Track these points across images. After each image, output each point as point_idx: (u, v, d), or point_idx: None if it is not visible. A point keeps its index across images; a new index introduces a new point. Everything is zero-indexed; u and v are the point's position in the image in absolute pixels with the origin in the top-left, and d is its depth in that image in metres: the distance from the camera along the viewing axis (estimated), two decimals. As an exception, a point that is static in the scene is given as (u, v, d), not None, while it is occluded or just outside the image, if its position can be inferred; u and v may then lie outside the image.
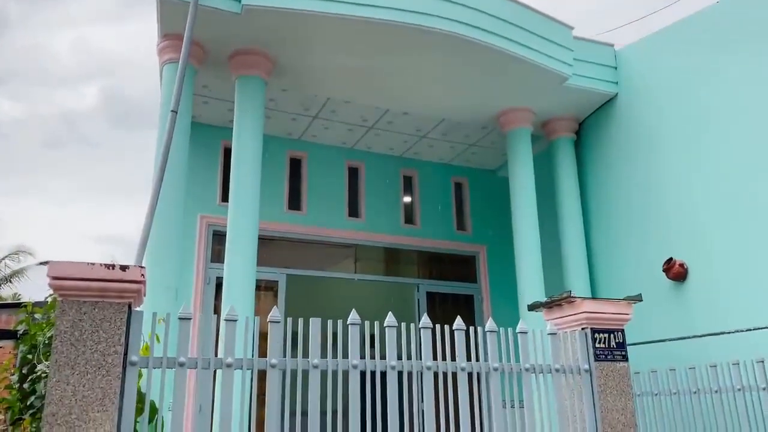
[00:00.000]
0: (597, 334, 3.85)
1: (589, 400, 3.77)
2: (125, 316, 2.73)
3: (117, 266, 2.70)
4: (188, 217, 7.00)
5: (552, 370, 3.78)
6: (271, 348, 3.10)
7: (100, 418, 2.61)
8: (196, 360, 2.92)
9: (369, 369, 3.33)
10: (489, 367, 3.61)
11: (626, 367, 3.89)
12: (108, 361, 2.67)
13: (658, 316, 6.49)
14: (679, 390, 5.74)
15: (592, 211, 7.80)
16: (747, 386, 5.11)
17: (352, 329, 3.31)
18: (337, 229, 8.08)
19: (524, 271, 7.01)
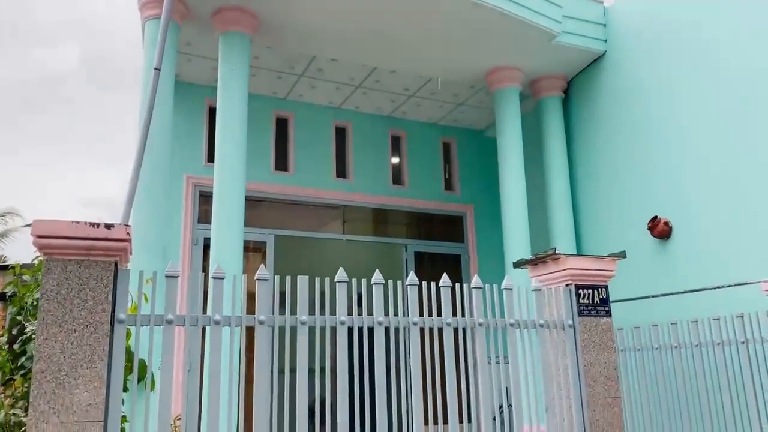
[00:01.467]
0: (581, 290, 3.91)
1: (573, 355, 3.84)
2: (112, 274, 2.73)
3: (102, 225, 2.69)
4: (174, 178, 6.95)
5: (536, 325, 3.84)
6: (259, 305, 3.12)
7: (89, 375, 2.63)
8: (184, 317, 2.94)
9: (356, 325, 3.36)
10: (474, 322, 3.66)
11: (609, 322, 3.96)
12: (95, 319, 2.68)
13: (643, 274, 6.59)
14: (661, 345, 5.87)
15: (578, 170, 7.83)
16: (726, 340, 5.24)
17: (339, 286, 3.34)
18: (325, 190, 8.07)
19: (511, 229, 7.07)
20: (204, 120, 7.60)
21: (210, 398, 2.99)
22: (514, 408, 3.72)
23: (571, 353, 3.84)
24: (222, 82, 6.14)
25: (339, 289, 3.33)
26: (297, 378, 3.15)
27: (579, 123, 7.92)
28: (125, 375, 3.11)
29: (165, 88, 5.86)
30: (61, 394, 2.58)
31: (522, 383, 3.76)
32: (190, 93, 7.48)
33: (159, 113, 5.70)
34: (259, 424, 3.02)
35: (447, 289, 3.64)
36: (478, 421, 3.66)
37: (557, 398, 3.77)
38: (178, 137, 6.99)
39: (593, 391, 3.77)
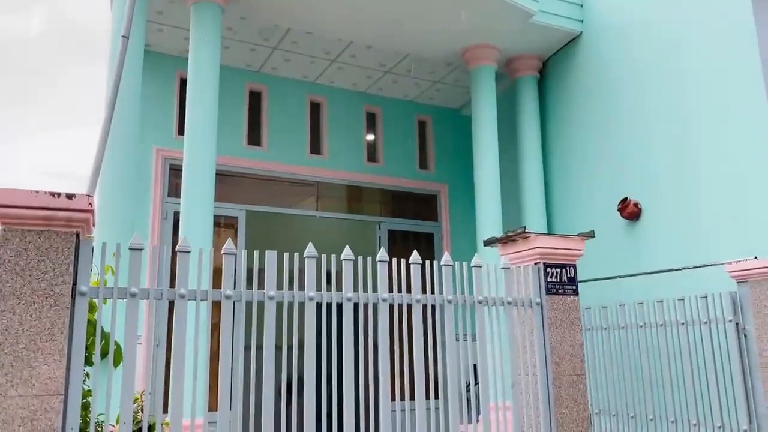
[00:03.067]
0: (549, 268, 3.94)
1: (540, 332, 3.88)
2: (73, 245, 2.66)
3: (63, 194, 2.61)
4: (143, 150, 6.83)
5: (504, 302, 3.87)
6: (226, 279, 3.09)
7: (48, 348, 2.57)
8: (149, 291, 2.89)
9: (325, 301, 3.35)
10: (444, 299, 3.67)
11: (576, 300, 4.01)
12: (56, 291, 2.62)
13: (611, 254, 6.68)
14: (627, 324, 5.99)
15: (551, 150, 7.88)
16: (690, 320, 5.36)
17: (308, 262, 3.32)
18: (299, 166, 7.99)
19: (484, 208, 7.10)
20: (175, 92, 7.44)
21: (174, 373, 2.95)
22: (480, 384, 3.76)
23: (537, 331, 3.88)
24: (193, 52, 6.01)
25: (308, 265, 3.31)
26: (264, 354, 3.14)
27: (553, 104, 7.95)
28: (90, 350, 3.06)
29: (134, 57, 5.72)
30: (19, 367, 2.52)
31: (489, 360, 3.80)
32: (160, 63, 7.31)
33: (128, 83, 5.56)
34: (223, 400, 3.00)
35: (417, 267, 3.63)
36: (446, 397, 3.69)
37: (523, 375, 3.82)
38: (147, 109, 6.84)
39: (559, 368, 3.82)
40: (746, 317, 5.00)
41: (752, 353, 4.92)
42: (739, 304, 5.05)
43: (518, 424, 3.74)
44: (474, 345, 3.81)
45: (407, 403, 3.51)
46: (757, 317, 4.91)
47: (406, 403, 3.52)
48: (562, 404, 3.78)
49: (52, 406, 2.54)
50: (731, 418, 5.00)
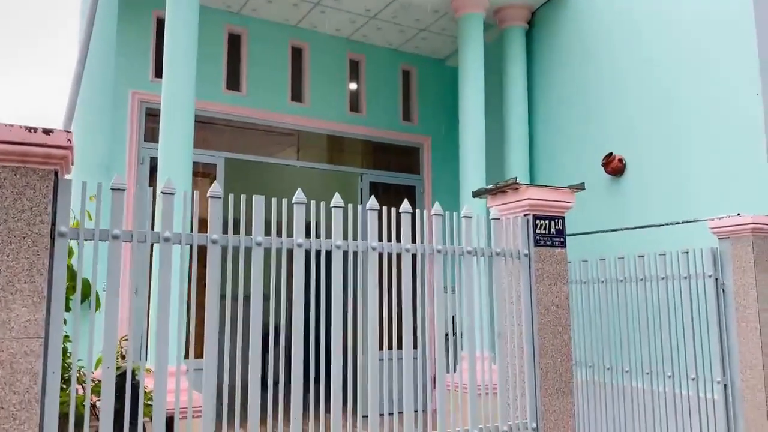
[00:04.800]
0: (538, 220, 3.91)
1: (527, 283, 3.88)
2: (51, 183, 2.52)
3: (40, 129, 2.46)
4: (119, 94, 6.56)
5: (493, 253, 3.84)
6: (212, 224, 2.98)
7: (27, 290, 2.46)
8: (131, 233, 2.77)
9: (314, 248, 3.27)
10: (433, 248, 3.62)
11: (564, 252, 4.00)
12: (34, 231, 2.49)
13: (594, 209, 6.69)
14: (608, 278, 6.04)
15: (537, 103, 7.79)
16: (670, 275, 5.41)
17: (297, 208, 3.22)
18: (279, 113, 7.78)
19: (467, 161, 7.02)
20: (151, 33, 7.13)
21: (159, 319, 2.87)
22: (466, 334, 3.75)
23: (524, 282, 3.87)
24: (170, -11, 5.71)
25: (297, 211, 3.21)
26: (251, 303, 3.07)
27: (541, 56, 7.82)
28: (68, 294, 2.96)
29: (108, -8, 5.43)
30: (-3, 309, 2.41)
31: (476, 310, 3.79)
32: (136, 3, 6.97)
33: (102, 23, 5.30)
34: (209, 348, 2.94)
35: (407, 216, 3.57)
36: (432, 346, 3.68)
37: (509, 325, 3.83)
38: (123, 50, 6.55)
39: (544, 319, 3.83)
40: (726, 273, 5.06)
41: (729, 308, 5.01)
42: (720, 260, 5.11)
43: (503, 373, 3.77)
44: (454, 297, 3.80)
45: (395, 352, 3.50)
46: (736, 273, 4.98)
47: (394, 353, 3.50)
48: (547, 354, 3.81)
49: (32, 349, 2.45)
50: (705, 371, 5.12)
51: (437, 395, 3.56)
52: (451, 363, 3.99)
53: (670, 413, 5.39)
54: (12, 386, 2.41)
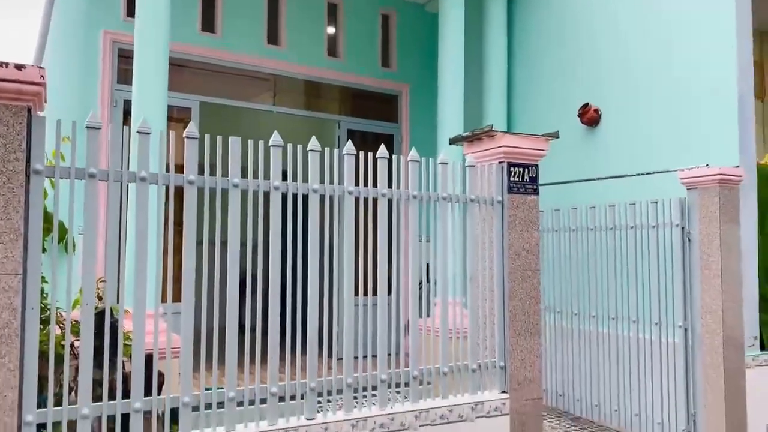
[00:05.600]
0: (513, 167, 3.98)
1: (499, 229, 3.97)
2: (25, 120, 2.50)
3: (11, 64, 2.41)
4: (89, 34, 6.39)
5: (467, 200, 3.91)
6: (188, 164, 2.99)
7: (4, 227, 2.47)
8: (108, 172, 2.77)
9: (291, 191, 3.30)
10: (409, 194, 3.68)
11: (536, 200, 4.08)
12: (9, 168, 2.48)
13: (570, 160, 6.78)
14: (579, 227, 6.19)
15: (516, 52, 7.77)
16: (639, 224, 5.57)
17: (274, 151, 3.23)
18: (255, 57, 7.64)
19: (445, 109, 7.02)
20: (122, -31, 6.87)
21: (137, 259, 2.90)
22: (439, 279, 3.85)
23: (497, 228, 3.96)
24: (142, -77, 5.49)
25: (273, 153, 3.22)
26: (228, 245, 3.09)
27: (520, 4, 7.75)
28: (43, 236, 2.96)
29: (76, -76, 5.21)
30: (-27, 245, 2.42)
31: (449, 255, 3.87)
32: (105, -64, 6.69)
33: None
34: (187, 290, 2.98)
35: (384, 161, 3.60)
36: (405, 292, 3.78)
37: (481, 269, 3.93)
38: (92, -14, 6.33)
39: (515, 264, 3.94)
40: (692, 222, 5.22)
41: (694, 256, 5.19)
42: (687, 210, 5.26)
43: (474, 315, 3.89)
44: (429, 246, 3.87)
45: (369, 298, 3.57)
46: (702, 222, 5.14)
47: (369, 299, 3.58)
48: (516, 297, 3.93)
49: (11, 285, 2.47)
50: (668, 316, 5.34)
51: (410, 337, 3.68)
52: (425, 309, 4.10)
53: (633, 356, 5.63)
54: (-9, 321, 2.44)
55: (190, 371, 2.98)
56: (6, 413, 2.45)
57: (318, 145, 3.37)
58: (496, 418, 3.78)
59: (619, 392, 5.73)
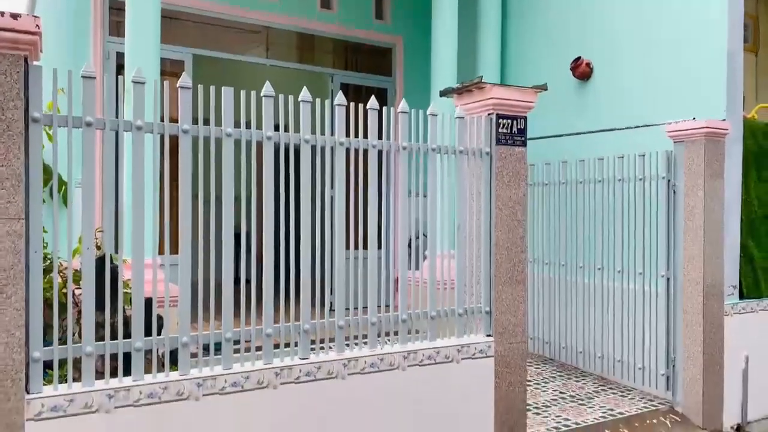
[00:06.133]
0: (501, 119, 4.05)
1: (487, 180, 4.07)
2: (21, 69, 2.56)
3: (7, 13, 2.46)
4: (80, -17, 6.33)
5: (456, 151, 4.00)
6: (183, 114, 3.06)
7: (6, 173, 2.56)
8: (104, 121, 2.85)
9: (283, 142, 3.38)
10: (399, 146, 3.76)
11: (524, 151, 4.17)
12: (8, 116, 2.55)
13: (562, 113, 6.83)
14: (568, 180, 6.30)
15: (510, 3, 7.73)
16: (627, 177, 5.68)
17: (266, 101, 3.30)
18: (248, 9, 7.57)
19: (439, 62, 7.02)
20: None
21: (134, 208, 2.99)
22: (429, 232, 3.96)
23: (485, 179, 4.07)
24: None
25: (266, 104, 3.29)
26: (223, 198, 3.19)
27: (516, -45, 7.67)
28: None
29: None
30: (-24, 191, 2.52)
31: (437, 206, 3.98)
32: None
33: None
34: (184, 239, 3.08)
35: (374, 112, 3.67)
36: (395, 245, 3.90)
37: (468, 219, 4.05)
38: (81, -65, 6.24)
39: (501, 214, 4.06)
40: (677, 175, 5.34)
41: (678, 207, 5.32)
42: (673, 163, 5.36)
43: (461, 263, 4.03)
44: (417, 201, 3.96)
45: (360, 252, 3.69)
46: (687, 175, 5.25)
47: (360, 252, 3.69)
48: (502, 246, 4.07)
49: (15, 230, 2.58)
50: (652, 266, 5.50)
51: (399, 284, 3.82)
52: (414, 263, 4.23)
53: (617, 305, 5.82)
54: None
55: (188, 314, 3.12)
56: (15, 350, 2.59)
57: (309, 96, 3.44)
58: (482, 360, 3.96)
59: (603, 340, 5.95)
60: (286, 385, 3.28)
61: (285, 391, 3.27)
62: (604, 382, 5.98)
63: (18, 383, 2.61)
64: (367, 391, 3.53)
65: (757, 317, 5.57)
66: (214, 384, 3.08)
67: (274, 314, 3.33)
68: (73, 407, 2.76)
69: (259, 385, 3.20)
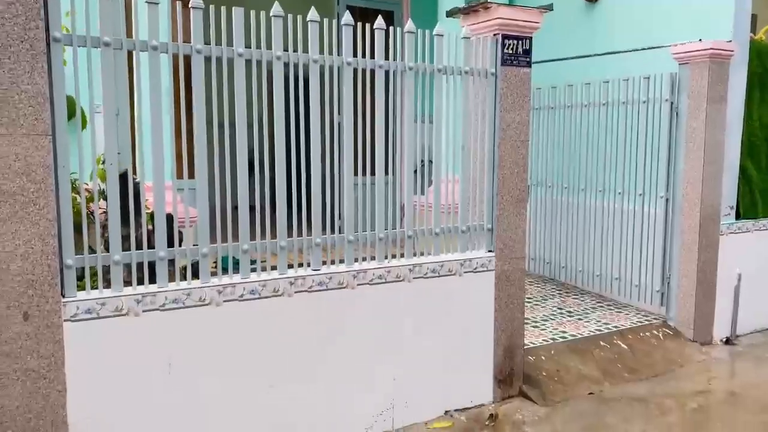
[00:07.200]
0: (507, 40, 4.10)
1: (492, 101, 4.16)
2: (40, -11, 2.65)
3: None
4: None
5: (462, 72, 4.07)
6: (195, 34, 3.15)
7: (31, 91, 2.69)
8: (121, 40, 2.95)
9: (292, 62, 3.47)
10: (405, 66, 3.84)
11: (528, 72, 4.24)
12: (30, 36, 2.66)
13: (567, 37, 6.81)
14: (573, 104, 6.36)
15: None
16: (631, 100, 5.74)
17: (275, 21, 3.37)
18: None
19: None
20: None
21: (153, 126, 3.12)
22: (434, 156, 4.08)
23: (490, 99, 4.16)
24: None
25: (275, 23, 3.36)
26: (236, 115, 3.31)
27: None
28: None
29: None
30: (6, 108, 2.65)
31: (443, 131, 4.08)
32: None
33: None
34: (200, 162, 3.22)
35: (381, 32, 3.73)
36: (402, 171, 4.02)
37: (473, 139, 4.17)
38: None
39: (505, 134, 4.18)
40: (681, 97, 5.39)
41: (681, 130, 5.41)
42: (677, 85, 5.41)
43: (465, 181, 4.18)
44: (423, 127, 4.05)
45: (368, 178, 3.82)
46: (690, 97, 5.31)
47: (367, 178, 3.83)
48: (505, 166, 4.20)
49: (42, 145, 2.74)
50: (652, 188, 5.65)
51: (405, 203, 3.98)
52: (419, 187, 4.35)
53: (616, 226, 6.01)
54: (28, 176, 2.73)
55: (208, 228, 3.31)
56: (49, 257, 2.81)
57: (317, 15, 3.50)
58: (483, 273, 4.18)
59: (602, 259, 6.17)
60: (300, 293, 3.52)
61: (299, 299, 3.51)
62: (601, 299, 6.25)
63: (54, 288, 2.84)
64: (375, 300, 3.77)
65: (752, 237, 5.75)
66: (234, 291, 3.31)
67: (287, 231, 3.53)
68: (104, 310, 3.00)
69: (275, 293, 3.44)
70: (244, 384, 3.38)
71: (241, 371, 3.37)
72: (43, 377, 2.85)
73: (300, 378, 3.55)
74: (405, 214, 3.98)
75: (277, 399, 3.48)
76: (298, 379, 3.55)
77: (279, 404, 3.49)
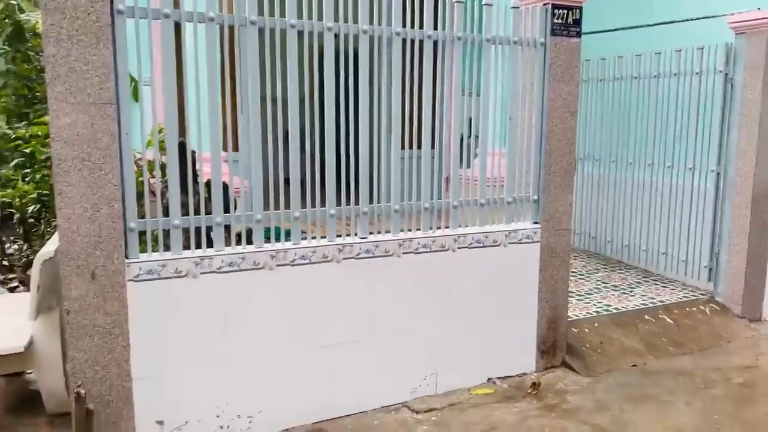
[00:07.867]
0: (557, 9, 4.06)
1: (540, 72, 4.14)
2: (105, -38, 2.77)
3: None
4: None
5: (511, 42, 4.06)
6: (249, 5, 3.23)
7: (97, 61, 2.82)
8: (180, 12, 3.05)
9: (342, 32, 3.53)
10: (453, 36, 3.85)
11: (578, 42, 4.19)
12: (96, 8, 2.79)
13: (615, 7, 6.65)
14: (623, 76, 6.25)
15: None
16: (683, 71, 5.61)
17: (326, -8, 3.42)
18: None
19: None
20: None
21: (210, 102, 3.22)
22: (481, 127, 4.09)
23: (539, 70, 4.14)
24: None
25: (325, -6, 3.42)
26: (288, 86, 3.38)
27: None
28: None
29: None
30: (74, 77, 2.80)
31: (490, 103, 4.08)
32: None
33: None
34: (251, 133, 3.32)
35: (429, 3, 3.74)
36: (448, 144, 4.06)
37: (521, 110, 4.16)
38: None
39: (554, 105, 4.15)
40: (736, 68, 5.24)
41: (735, 102, 5.27)
42: (733, 56, 5.25)
43: (512, 152, 4.19)
44: (470, 100, 4.05)
45: (414, 152, 3.87)
46: (746, 68, 5.15)
47: (414, 152, 3.87)
48: (553, 137, 4.19)
49: (108, 113, 2.88)
50: (702, 161, 5.53)
51: (451, 174, 4.02)
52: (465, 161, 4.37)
53: (665, 201, 5.92)
54: (95, 143, 2.88)
55: (261, 197, 3.42)
56: (114, 220, 2.97)
57: (367, -15, 3.53)
58: (528, 245, 4.20)
59: (649, 234, 6.11)
60: (348, 260, 3.62)
61: (347, 265, 3.62)
62: (647, 274, 6.20)
63: (119, 249, 3.01)
64: (420, 268, 3.85)
65: (808, 213, 5.59)
66: (285, 256, 3.43)
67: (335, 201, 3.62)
68: (165, 271, 3.16)
69: (324, 259, 3.55)
70: (295, 346, 3.52)
71: (291, 334, 3.51)
72: (109, 333, 3.04)
73: (349, 341, 3.67)
74: (450, 186, 4.02)
75: (327, 360, 3.61)
76: (346, 342, 3.67)
77: (328, 365, 3.63)
